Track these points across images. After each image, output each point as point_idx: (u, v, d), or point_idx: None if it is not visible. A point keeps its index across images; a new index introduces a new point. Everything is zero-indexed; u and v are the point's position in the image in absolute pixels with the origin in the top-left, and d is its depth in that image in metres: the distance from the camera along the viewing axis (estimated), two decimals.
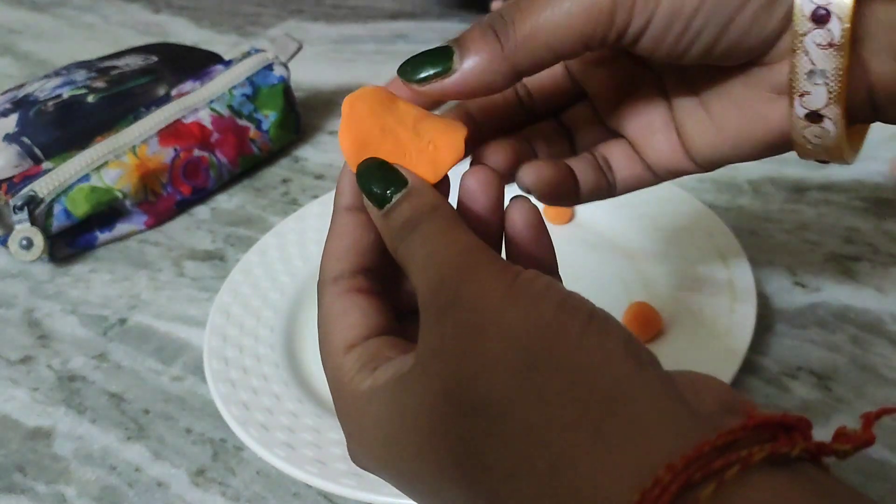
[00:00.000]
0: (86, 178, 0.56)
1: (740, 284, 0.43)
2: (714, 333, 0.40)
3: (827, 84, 0.23)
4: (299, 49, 0.67)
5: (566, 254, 0.51)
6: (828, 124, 0.23)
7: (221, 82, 0.63)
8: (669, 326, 0.42)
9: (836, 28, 0.21)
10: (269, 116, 0.64)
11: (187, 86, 0.63)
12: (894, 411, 0.16)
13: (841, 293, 0.45)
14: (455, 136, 0.26)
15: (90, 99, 0.64)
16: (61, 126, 0.62)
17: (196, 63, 0.68)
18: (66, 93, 0.64)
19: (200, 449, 0.42)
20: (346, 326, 0.24)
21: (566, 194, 0.28)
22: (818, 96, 0.23)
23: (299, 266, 0.51)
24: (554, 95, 0.29)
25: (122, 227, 0.59)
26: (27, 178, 0.56)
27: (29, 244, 0.53)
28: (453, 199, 0.25)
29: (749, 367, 0.41)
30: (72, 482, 0.41)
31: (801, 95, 0.23)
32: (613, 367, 0.18)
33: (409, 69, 0.25)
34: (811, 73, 0.23)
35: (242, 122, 0.63)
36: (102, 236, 0.59)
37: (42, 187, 0.55)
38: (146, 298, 0.53)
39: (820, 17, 0.21)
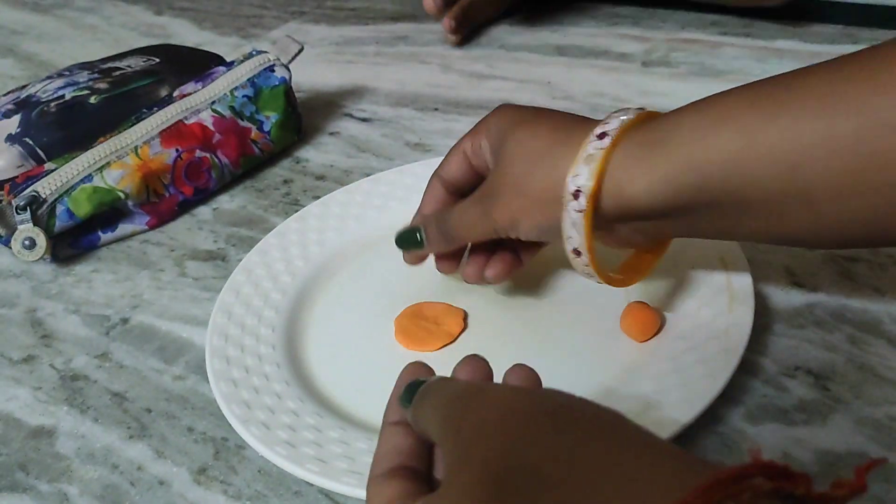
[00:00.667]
0: (88, 178, 0.57)
1: (738, 284, 0.43)
2: (712, 333, 0.41)
3: (579, 234, 0.35)
4: (301, 51, 0.68)
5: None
6: (584, 258, 0.36)
7: (223, 83, 0.63)
8: (668, 326, 0.43)
9: (582, 202, 0.34)
10: (271, 118, 0.65)
11: (189, 87, 0.63)
12: (882, 462, 0.18)
13: (839, 293, 0.46)
14: (457, 317, 0.46)
15: (93, 100, 0.64)
16: (64, 127, 0.62)
17: (197, 64, 0.68)
18: (69, 94, 0.65)
19: (202, 448, 0.42)
20: (381, 497, 0.27)
21: (511, 272, 0.44)
22: (575, 239, 0.36)
23: (300, 266, 0.52)
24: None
25: (124, 228, 0.60)
26: (30, 178, 0.56)
27: (31, 244, 0.54)
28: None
29: (747, 366, 0.41)
30: (74, 481, 0.41)
31: (568, 238, 0.36)
32: (625, 423, 0.22)
33: (399, 243, 0.45)
34: (572, 223, 0.35)
35: (244, 124, 0.63)
36: (105, 237, 0.59)
37: (45, 187, 0.55)
38: (148, 298, 0.54)
39: (575, 194, 0.35)
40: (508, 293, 0.48)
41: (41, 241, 0.54)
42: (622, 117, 0.36)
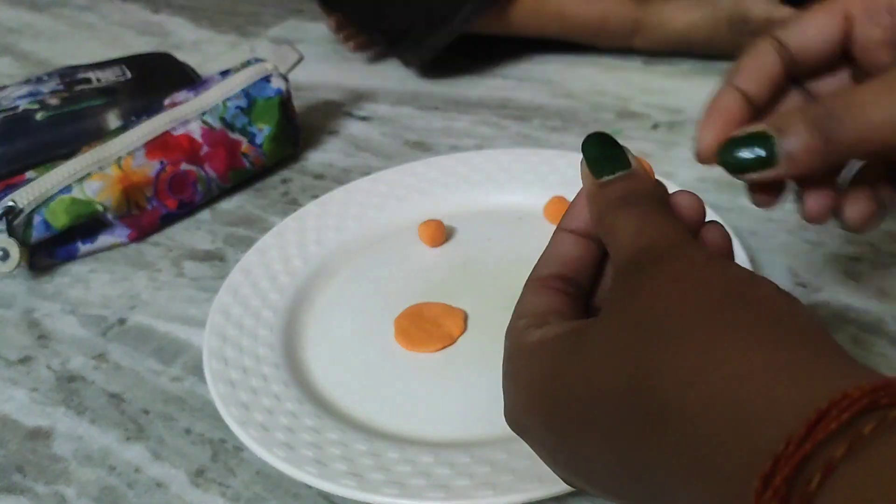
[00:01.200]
0: (67, 189, 0.55)
1: None
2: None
3: None
4: (300, 60, 0.66)
5: None
6: None
7: (216, 93, 0.61)
8: None
9: None
10: (264, 130, 0.62)
11: (181, 95, 0.62)
12: None
13: (842, 293, 0.45)
14: (458, 318, 0.45)
15: (38, 116, 0.62)
16: (6, 142, 0.61)
17: (172, 83, 0.67)
18: (24, 105, 0.63)
19: (200, 449, 0.42)
20: (528, 304, 0.25)
21: (880, 220, 0.29)
22: None
23: (299, 266, 0.51)
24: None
25: (104, 240, 0.58)
26: (9, 186, 0.55)
27: (5, 256, 0.52)
28: None
29: None
30: (71, 482, 0.41)
31: None
32: (799, 308, 0.19)
33: (728, 153, 0.26)
34: None
35: (234, 136, 0.61)
36: (84, 247, 0.58)
37: (22, 197, 0.54)
38: (146, 298, 0.53)
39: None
40: (509, 294, 0.48)
41: (14, 252, 0.53)
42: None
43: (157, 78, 0.69)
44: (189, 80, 0.71)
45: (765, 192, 0.30)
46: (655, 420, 0.19)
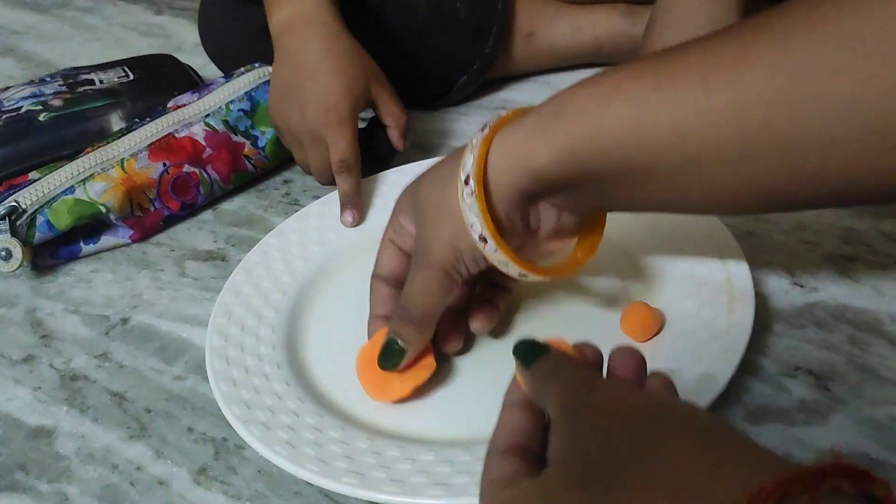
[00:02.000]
0: (70, 190, 0.56)
1: (739, 285, 0.43)
2: (713, 333, 0.41)
3: (477, 216, 0.36)
4: None
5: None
6: (491, 244, 0.36)
7: (219, 96, 0.62)
8: (669, 326, 0.43)
9: (472, 185, 0.36)
10: (266, 133, 0.63)
11: (185, 98, 0.62)
12: None
13: (839, 293, 0.46)
14: (426, 370, 0.42)
15: (42, 118, 0.63)
16: (8, 142, 0.62)
17: (174, 87, 0.67)
18: (27, 106, 0.64)
19: (202, 448, 0.42)
20: (496, 473, 0.28)
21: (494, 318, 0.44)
22: (477, 226, 0.36)
23: (300, 266, 0.52)
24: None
25: (107, 240, 0.59)
26: (13, 186, 0.55)
27: (8, 255, 0.53)
28: None
29: (748, 366, 0.41)
30: (74, 481, 0.41)
31: (471, 226, 0.36)
32: (719, 424, 0.23)
33: (385, 364, 0.41)
34: (469, 209, 0.36)
35: (237, 139, 0.62)
36: (87, 248, 0.58)
37: (25, 198, 0.54)
38: (148, 298, 0.54)
39: (466, 180, 0.36)
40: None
41: (17, 252, 0.53)
42: (501, 114, 0.39)
43: (159, 79, 0.70)
44: (192, 81, 0.71)
45: (449, 341, 0.44)
46: None
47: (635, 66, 0.33)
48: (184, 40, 0.94)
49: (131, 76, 0.69)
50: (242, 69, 0.64)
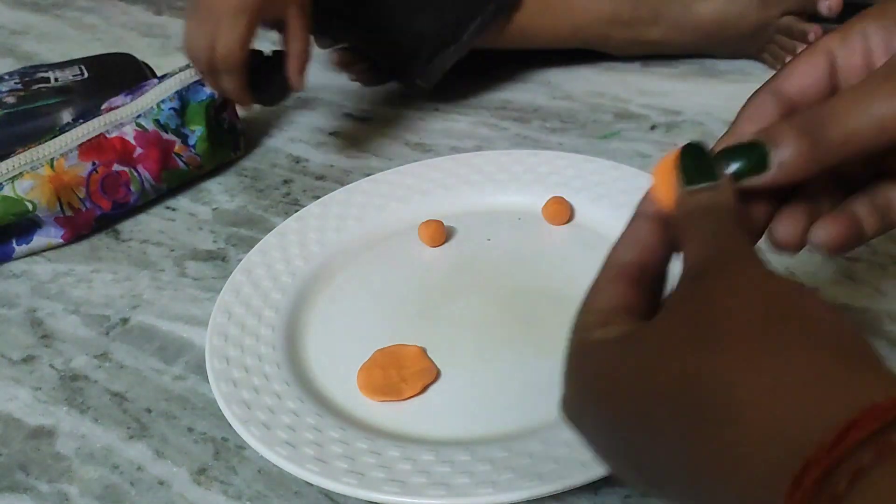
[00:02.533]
0: (0, 187, 0.56)
1: None
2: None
3: None
4: None
5: (566, 254, 0.51)
6: None
7: (151, 97, 0.62)
8: None
9: None
10: (196, 131, 0.63)
11: (118, 100, 0.62)
12: None
13: (839, 293, 0.46)
14: (426, 377, 0.42)
15: None
16: None
17: (128, 82, 0.67)
18: None
19: (202, 448, 0.42)
20: (599, 297, 0.26)
21: (854, 244, 0.29)
22: None
23: (301, 266, 0.52)
24: None
25: (39, 240, 0.59)
26: None
27: None
28: None
29: None
30: (74, 481, 0.41)
31: None
32: (844, 323, 0.20)
33: (724, 161, 0.27)
34: None
35: (168, 136, 0.62)
36: (19, 249, 0.59)
37: None
38: (148, 298, 0.54)
39: None
40: (508, 293, 0.48)
41: None
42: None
43: (113, 78, 0.70)
44: (146, 80, 0.71)
45: (758, 204, 0.29)
46: (699, 417, 0.20)
47: None
48: None
49: (86, 74, 0.70)
50: (176, 69, 0.64)
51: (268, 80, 0.60)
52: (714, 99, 0.69)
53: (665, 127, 0.66)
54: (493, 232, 0.54)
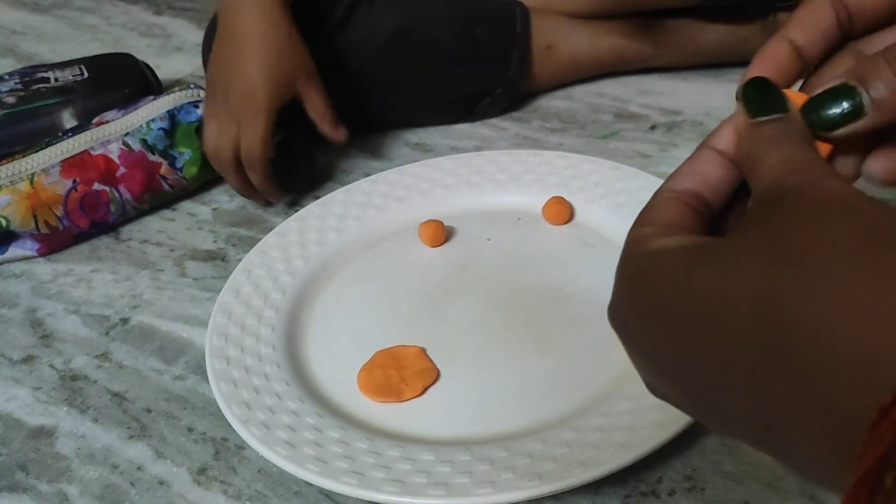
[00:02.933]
0: None
1: None
2: None
3: None
4: None
5: (566, 254, 0.51)
6: None
7: (142, 114, 0.61)
8: None
9: None
10: (185, 154, 0.62)
11: (110, 115, 0.62)
12: None
13: None
14: (426, 378, 0.42)
15: None
16: None
17: (128, 83, 0.68)
18: None
19: (202, 448, 0.42)
20: (657, 212, 0.24)
21: None
22: None
23: (300, 266, 0.52)
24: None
25: (14, 251, 0.58)
26: None
27: None
28: None
29: None
30: (74, 481, 0.41)
31: None
32: None
33: (814, 112, 0.25)
34: None
35: (154, 158, 0.61)
36: None
37: None
38: (148, 298, 0.54)
39: None
40: (508, 293, 0.48)
41: None
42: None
43: (113, 78, 0.70)
44: (145, 81, 0.71)
45: (855, 152, 0.27)
46: (778, 344, 0.18)
47: None
48: (184, 40, 0.94)
49: (86, 74, 0.70)
50: (177, 88, 0.63)
51: (291, 166, 0.60)
52: (714, 99, 0.69)
53: (665, 127, 0.66)
54: (493, 232, 0.54)
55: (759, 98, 0.24)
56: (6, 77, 0.70)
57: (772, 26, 0.68)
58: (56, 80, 0.69)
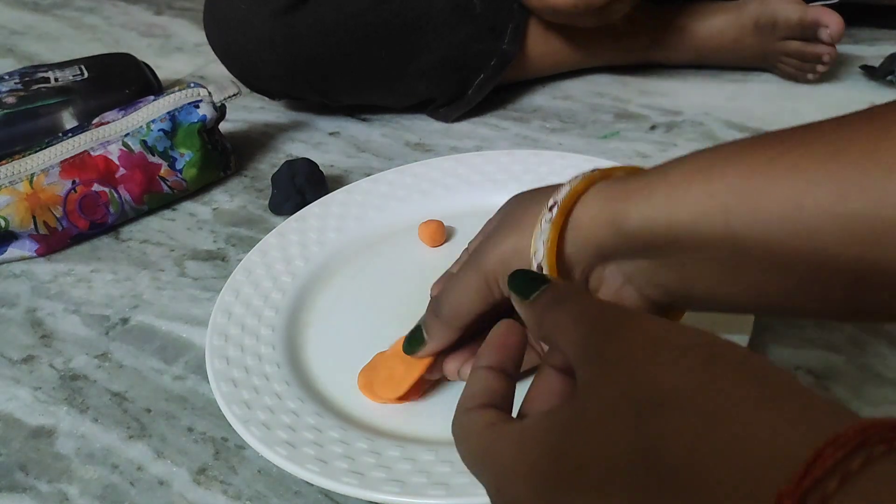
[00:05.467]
0: None
1: None
2: (712, 333, 0.40)
3: (544, 244, 0.33)
4: (237, 94, 0.64)
5: None
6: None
7: (142, 115, 0.61)
8: None
9: (553, 213, 0.33)
10: (185, 156, 0.62)
11: (110, 115, 0.61)
12: None
13: None
14: (413, 371, 0.41)
15: None
16: None
17: (128, 83, 0.68)
18: None
19: (202, 448, 0.42)
20: (474, 395, 0.28)
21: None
22: (539, 254, 0.33)
23: (300, 266, 0.52)
24: None
25: (13, 252, 0.58)
26: None
27: None
28: None
29: None
30: (74, 481, 0.41)
31: (534, 254, 0.34)
32: (774, 365, 0.21)
33: (406, 347, 0.40)
34: (540, 234, 0.34)
35: (154, 159, 0.61)
36: None
37: None
38: (148, 298, 0.54)
39: (550, 206, 0.33)
40: None
41: None
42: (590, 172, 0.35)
43: (113, 78, 0.70)
44: (146, 80, 0.71)
45: (453, 360, 0.40)
46: (664, 480, 0.20)
47: (751, 141, 0.30)
48: (184, 40, 0.94)
49: (86, 74, 0.70)
50: (177, 88, 0.63)
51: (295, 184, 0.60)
52: (714, 99, 0.69)
53: (665, 127, 0.66)
54: None
55: (524, 282, 0.28)
56: (6, 77, 0.70)
57: (767, 26, 0.68)
58: (56, 80, 0.69)
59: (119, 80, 0.70)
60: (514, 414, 0.28)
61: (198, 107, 0.62)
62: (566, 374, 0.28)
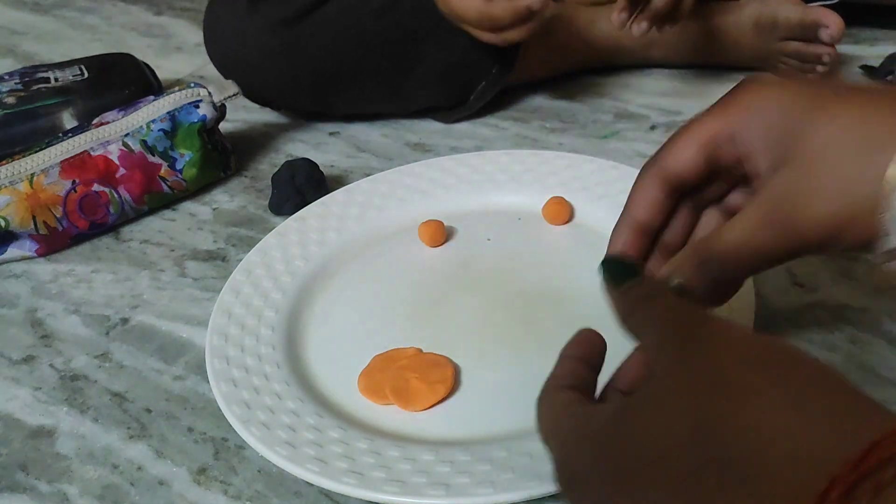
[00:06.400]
0: None
1: None
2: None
3: None
4: (237, 94, 0.64)
5: (566, 254, 0.51)
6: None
7: (142, 115, 0.61)
8: None
9: None
10: (185, 156, 0.62)
11: (110, 115, 0.61)
12: None
13: (839, 293, 0.46)
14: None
15: None
16: None
17: (128, 83, 0.68)
18: None
19: (202, 448, 0.42)
20: (559, 376, 0.30)
21: None
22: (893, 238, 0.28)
23: (300, 266, 0.52)
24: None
25: (13, 251, 0.58)
26: None
27: None
28: None
29: None
30: (74, 481, 0.41)
31: (885, 237, 0.28)
32: (830, 368, 0.22)
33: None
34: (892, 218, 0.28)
35: (154, 159, 0.61)
36: None
37: None
38: (148, 298, 0.54)
39: None
40: (509, 293, 0.48)
41: None
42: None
43: (113, 78, 0.70)
44: (146, 80, 0.71)
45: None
46: (718, 463, 0.21)
47: None
48: (184, 40, 0.94)
49: (86, 74, 0.70)
50: (177, 87, 0.63)
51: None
52: (714, 99, 0.68)
53: (665, 127, 0.66)
54: (493, 232, 0.54)
55: (617, 270, 0.29)
56: (6, 77, 0.70)
57: (767, 26, 0.68)
58: (56, 80, 0.69)
59: (119, 80, 0.70)
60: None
61: (198, 107, 0.62)
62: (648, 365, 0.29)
